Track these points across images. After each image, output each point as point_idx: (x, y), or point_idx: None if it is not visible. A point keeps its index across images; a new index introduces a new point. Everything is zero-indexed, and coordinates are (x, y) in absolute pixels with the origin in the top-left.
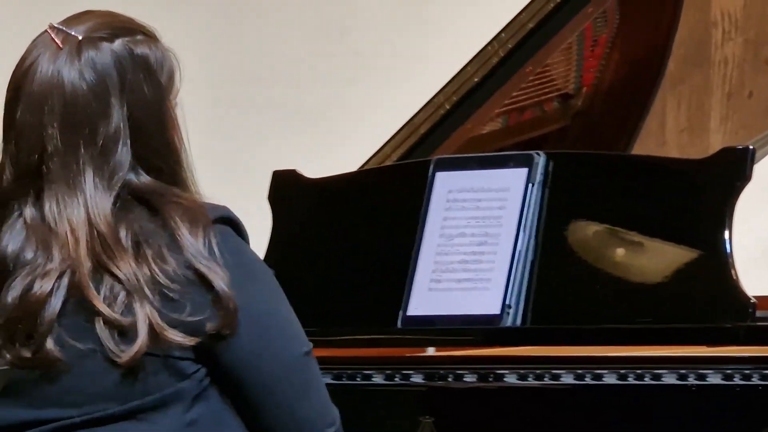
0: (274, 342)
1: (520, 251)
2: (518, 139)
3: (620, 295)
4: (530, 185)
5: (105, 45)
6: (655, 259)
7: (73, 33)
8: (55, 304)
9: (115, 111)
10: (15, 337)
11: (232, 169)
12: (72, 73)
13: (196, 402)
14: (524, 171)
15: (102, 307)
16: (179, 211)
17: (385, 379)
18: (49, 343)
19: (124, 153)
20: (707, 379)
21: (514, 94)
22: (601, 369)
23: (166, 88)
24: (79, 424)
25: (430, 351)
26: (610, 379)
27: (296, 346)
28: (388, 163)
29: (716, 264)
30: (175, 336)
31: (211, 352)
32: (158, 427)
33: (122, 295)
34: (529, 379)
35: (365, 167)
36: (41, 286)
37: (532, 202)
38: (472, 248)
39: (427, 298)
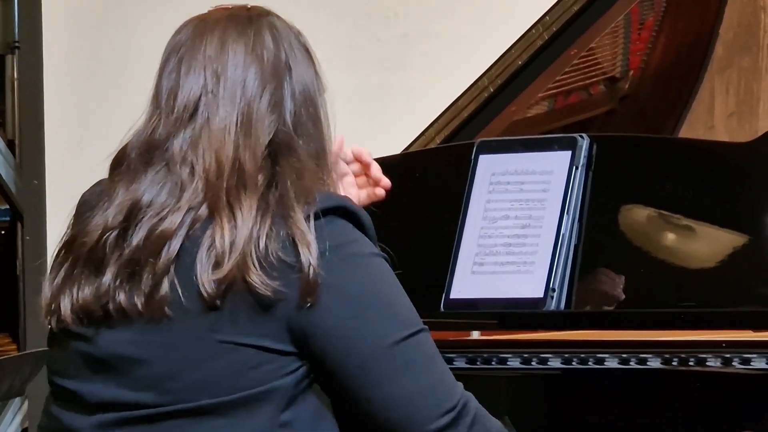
0: (369, 323)
1: (563, 234)
2: (565, 123)
3: (664, 279)
4: (574, 168)
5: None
6: (700, 243)
7: None
8: (176, 243)
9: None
10: (132, 279)
11: None
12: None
13: (292, 403)
14: (568, 154)
15: (217, 232)
16: (296, 188)
17: None
18: (164, 288)
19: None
20: (752, 363)
21: (560, 77)
22: (646, 353)
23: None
24: (170, 414)
25: (474, 335)
26: (654, 363)
27: (395, 327)
28: (431, 146)
29: (762, 248)
30: (258, 277)
31: (303, 338)
32: (245, 428)
33: (233, 233)
34: (573, 363)
35: (409, 150)
36: (170, 222)
37: (576, 185)
38: (515, 231)
39: (470, 282)
